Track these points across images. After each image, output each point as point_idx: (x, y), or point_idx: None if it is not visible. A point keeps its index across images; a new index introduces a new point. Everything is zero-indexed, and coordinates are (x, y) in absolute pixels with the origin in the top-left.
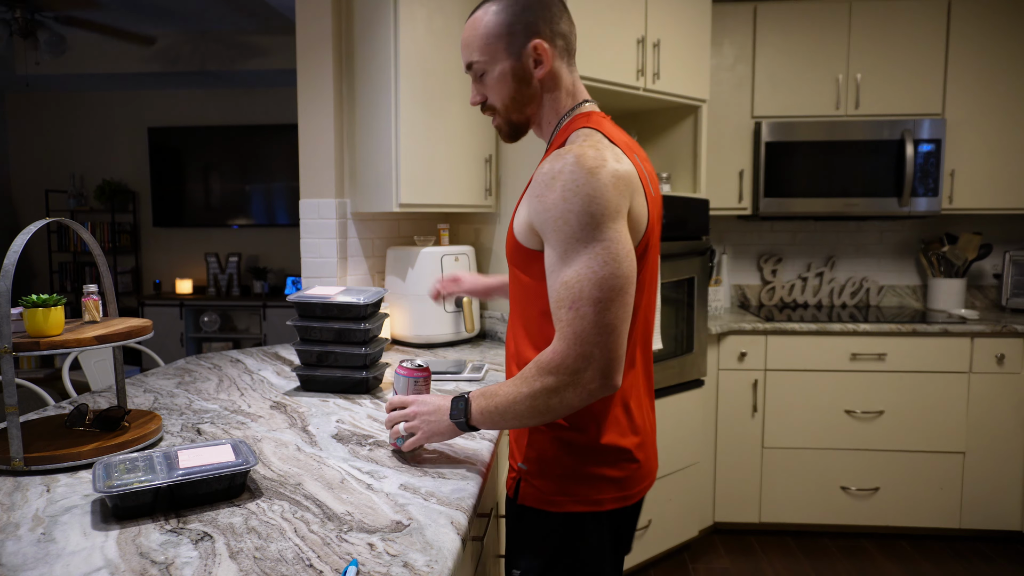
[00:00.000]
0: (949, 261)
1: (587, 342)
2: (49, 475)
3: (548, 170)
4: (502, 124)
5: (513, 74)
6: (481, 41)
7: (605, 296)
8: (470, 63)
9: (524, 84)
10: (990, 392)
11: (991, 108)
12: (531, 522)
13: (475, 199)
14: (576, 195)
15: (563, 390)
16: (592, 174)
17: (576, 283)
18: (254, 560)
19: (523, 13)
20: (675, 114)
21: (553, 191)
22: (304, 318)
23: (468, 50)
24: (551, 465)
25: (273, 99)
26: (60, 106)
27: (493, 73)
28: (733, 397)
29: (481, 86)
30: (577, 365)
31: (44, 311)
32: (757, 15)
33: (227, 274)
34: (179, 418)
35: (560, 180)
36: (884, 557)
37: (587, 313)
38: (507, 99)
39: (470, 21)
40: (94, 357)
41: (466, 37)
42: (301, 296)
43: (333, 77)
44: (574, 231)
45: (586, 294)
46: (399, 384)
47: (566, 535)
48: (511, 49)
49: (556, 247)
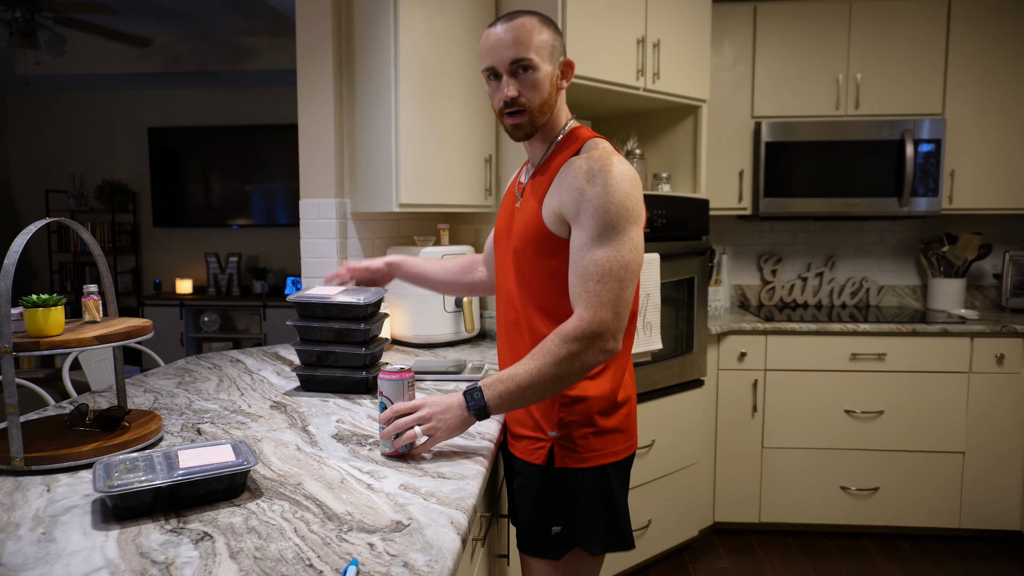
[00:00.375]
0: (949, 261)
1: (608, 310)
2: (49, 475)
3: (588, 168)
4: (526, 122)
5: (551, 80)
6: (537, 43)
7: (627, 277)
8: (521, 59)
9: (554, 91)
10: (990, 392)
11: (991, 108)
12: (567, 481)
13: (475, 199)
14: (617, 191)
15: (584, 352)
16: (628, 178)
17: (606, 262)
18: (254, 560)
19: (558, 34)
20: (675, 114)
21: (596, 185)
22: (304, 318)
23: (520, 47)
24: (581, 427)
25: (273, 99)
26: (60, 106)
27: (539, 73)
28: (733, 397)
29: (518, 83)
30: (600, 329)
31: (44, 311)
32: (757, 15)
33: (227, 274)
34: (179, 418)
35: (603, 177)
36: (884, 557)
37: (613, 287)
38: (542, 100)
39: (519, 23)
40: (94, 357)
41: (518, 36)
42: (301, 296)
43: (333, 77)
44: (612, 219)
45: (614, 272)
46: (391, 389)
47: (599, 487)
48: (553, 58)
49: (590, 231)
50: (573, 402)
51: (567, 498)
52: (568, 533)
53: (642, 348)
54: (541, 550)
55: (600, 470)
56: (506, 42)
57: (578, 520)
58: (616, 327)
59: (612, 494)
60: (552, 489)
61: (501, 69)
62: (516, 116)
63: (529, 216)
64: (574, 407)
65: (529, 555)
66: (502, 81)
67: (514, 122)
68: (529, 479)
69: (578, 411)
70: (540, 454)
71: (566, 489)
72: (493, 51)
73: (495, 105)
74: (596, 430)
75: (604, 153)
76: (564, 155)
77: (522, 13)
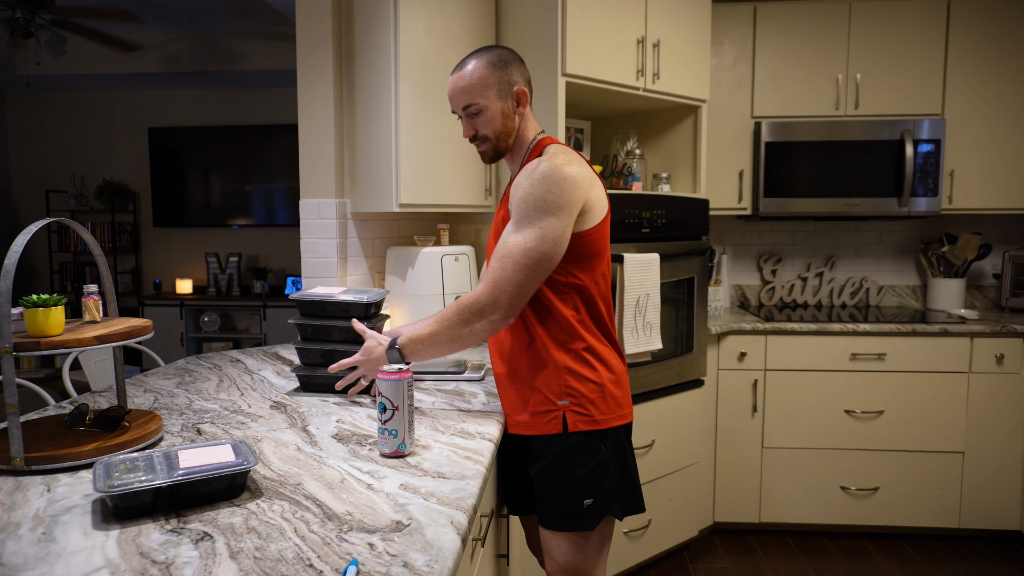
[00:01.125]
0: (949, 261)
1: (498, 288)
2: (50, 475)
3: (530, 167)
4: (489, 150)
5: (502, 113)
6: (480, 87)
7: (523, 261)
8: (468, 104)
9: (510, 120)
10: (989, 392)
11: (990, 108)
12: (585, 445)
13: (475, 199)
14: (540, 185)
15: (473, 321)
16: (558, 172)
17: (513, 246)
18: (254, 560)
19: (508, 69)
20: (675, 114)
21: (528, 180)
22: (306, 316)
23: (466, 95)
24: (586, 394)
25: (273, 99)
26: (60, 106)
27: (488, 112)
28: (733, 397)
29: (474, 122)
30: (489, 303)
31: (44, 311)
32: (757, 15)
33: (227, 274)
34: (179, 418)
35: (535, 174)
36: (884, 557)
37: (507, 268)
38: (496, 132)
39: (461, 74)
40: (94, 357)
41: (461, 86)
42: (304, 294)
43: (333, 77)
44: (528, 211)
45: (513, 256)
46: (390, 389)
47: (614, 448)
48: (503, 94)
49: (514, 219)
50: (577, 374)
51: (595, 471)
52: (598, 503)
53: (642, 348)
54: (575, 523)
55: (615, 432)
56: (457, 91)
57: (606, 489)
58: (506, 304)
59: (627, 458)
60: (580, 465)
61: (458, 112)
62: (481, 145)
63: (499, 222)
64: (580, 377)
65: (561, 531)
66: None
67: (480, 150)
68: (554, 459)
69: (583, 380)
70: (555, 423)
71: (594, 463)
72: (451, 98)
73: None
74: (604, 394)
75: (551, 153)
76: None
77: (471, 57)
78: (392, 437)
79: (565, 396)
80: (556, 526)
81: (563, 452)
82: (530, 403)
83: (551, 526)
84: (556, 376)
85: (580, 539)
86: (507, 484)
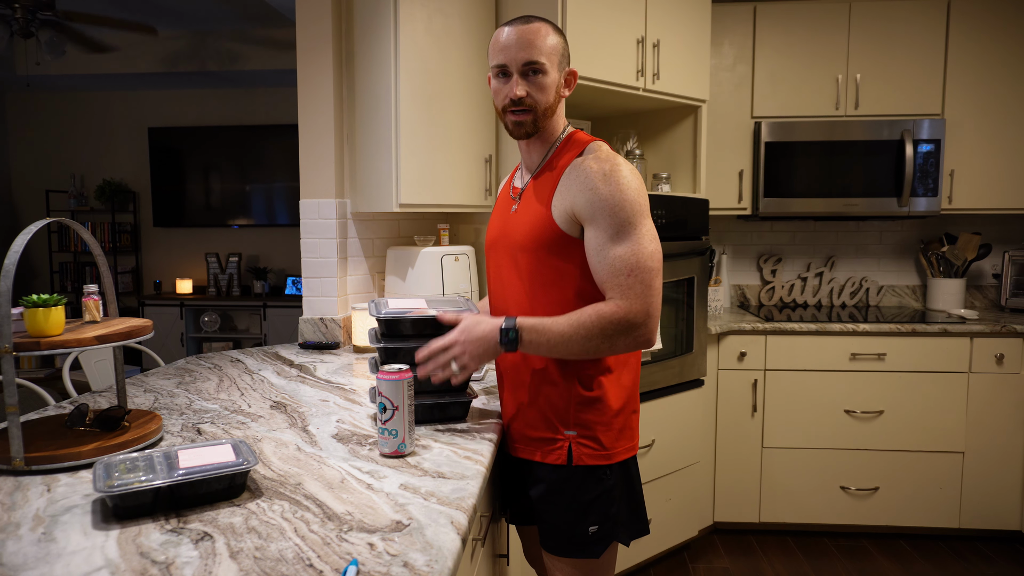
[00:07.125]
0: (948, 261)
1: (647, 301)
2: (49, 475)
3: (599, 169)
4: (529, 121)
5: (556, 86)
6: (549, 49)
7: (655, 267)
8: (533, 61)
9: (558, 97)
10: (989, 392)
11: (991, 108)
12: (599, 481)
13: (475, 199)
14: (629, 189)
15: (617, 338)
16: (635, 176)
17: (631, 256)
18: (254, 560)
19: (566, 44)
20: (675, 114)
21: (609, 185)
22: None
23: (534, 50)
24: (599, 425)
25: (273, 99)
26: (60, 106)
27: (547, 77)
28: (733, 397)
29: (528, 84)
30: (639, 320)
31: (44, 311)
32: (757, 15)
33: (227, 274)
34: (179, 418)
35: (615, 177)
36: (884, 557)
37: (644, 278)
38: (547, 103)
39: (534, 27)
40: (94, 357)
41: (532, 39)
42: (389, 312)
43: (333, 77)
44: (628, 216)
45: (641, 263)
46: (390, 389)
47: (623, 481)
48: (561, 66)
49: (607, 229)
50: (591, 402)
51: (600, 497)
52: (604, 529)
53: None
54: (578, 550)
55: (622, 465)
56: (521, 43)
57: (613, 516)
58: (649, 318)
59: (634, 485)
60: (585, 491)
61: (513, 68)
62: (521, 115)
63: (535, 218)
64: (592, 406)
65: (564, 556)
66: (512, 80)
67: (518, 119)
68: (555, 485)
69: (595, 410)
70: (559, 454)
71: (599, 489)
72: (507, 50)
73: (499, 102)
74: (614, 427)
75: (610, 155)
76: (567, 158)
77: (536, 18)
78: (392, 437)
79: (572, 426)
80: (559, 551)
81: (567, 476)
82: (530, 422)
83: (554, 551)
84: (564, 399)
85: (585, 566)
86: (503, 491)
